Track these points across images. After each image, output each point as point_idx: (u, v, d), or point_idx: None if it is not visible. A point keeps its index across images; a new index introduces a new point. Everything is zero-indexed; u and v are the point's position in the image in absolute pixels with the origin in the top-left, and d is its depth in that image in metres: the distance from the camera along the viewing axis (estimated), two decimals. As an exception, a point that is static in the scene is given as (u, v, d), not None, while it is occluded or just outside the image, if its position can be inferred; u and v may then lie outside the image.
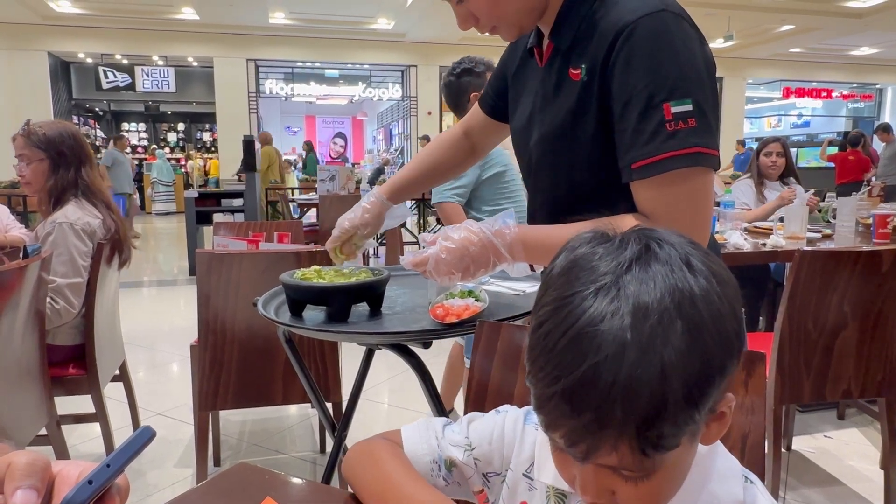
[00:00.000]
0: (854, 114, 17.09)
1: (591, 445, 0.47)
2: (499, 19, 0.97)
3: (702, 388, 0.46)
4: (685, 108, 0.82)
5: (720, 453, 0.60)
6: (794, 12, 10.18)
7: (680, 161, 0.82)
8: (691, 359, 0.45)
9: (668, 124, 0.82)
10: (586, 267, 0.49)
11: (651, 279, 0.46)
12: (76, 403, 2.15)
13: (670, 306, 0.45)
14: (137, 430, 0.46)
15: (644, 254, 0.48)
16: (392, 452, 0.70)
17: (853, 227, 2.88)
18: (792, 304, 1.85)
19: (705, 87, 0.84)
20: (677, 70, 0.83)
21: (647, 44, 0.84)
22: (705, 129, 0.83)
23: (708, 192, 0.87)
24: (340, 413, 1.91)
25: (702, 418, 0.48)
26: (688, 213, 0.86)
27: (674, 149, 0.82)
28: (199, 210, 5.97)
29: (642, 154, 0.84)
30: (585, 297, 0.47)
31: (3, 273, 1.53)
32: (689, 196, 0.85)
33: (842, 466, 2.30)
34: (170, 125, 16.41)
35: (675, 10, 0.86)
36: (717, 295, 0.47)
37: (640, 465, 0.48)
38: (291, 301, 1.23)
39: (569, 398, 0.46)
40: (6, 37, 10.85)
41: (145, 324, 4.47)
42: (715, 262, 0.50)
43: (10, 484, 0.42)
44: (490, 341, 0.95)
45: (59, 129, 2.09)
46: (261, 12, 10.48)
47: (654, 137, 0.83)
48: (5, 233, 2.97)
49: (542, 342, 0.48)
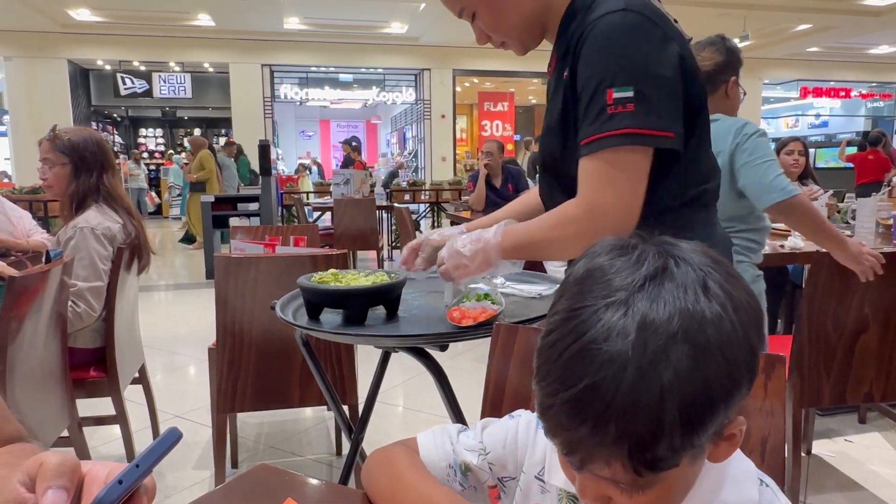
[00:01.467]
0: (873, 113, 16.83)
1: (586, 457, 0.48)
2: (503, 36, 1.09)
3: (702, 415, 0.45)
4: (626, 95, 0.90)
5: (735, 457, 0.59)
6: (811, 11, 10.06)
7: (612, 140, 0.91)
8: (693, 385, 0.44)
9: (609, 108, 0.91)
10: (601, 280, 0.48)
11: (662, 300, 0.46)
12: (97, 406, 2.18)
13: (678, 330, 0.44)
14: (165, 431, 0.47)
15: (661, 273, 0.47)
16: (408, 457, 0.71)
17: (873, 227, 2.84)
18: (811, 306, 1.83)
19: (655, 76, 0.91)
20: (624, 60, 0.91)
21: (601, 38, 0.93)
22: (644, 112, 0.90)
23: (635, 168, 0.93)
24: (357, 416, 1.92)
25: (705, 442, 0.47)
26: (600, 189, 0.94)
27: (609, 129, 0.91)
28: (215, 214, 6.04)
29: (585, 134, 0.94)
30: (595, 311, 0.47)
31: (27, 277, 1.55)
32: (606, 173, 0.93)
33: (863, 471, 2.26)
34: (186, 130, 16.58)
35: (637, 8, 0.93)
36: (730, 322, 0.46)
37: (634, 481, 0.48)
38: (309, 304, 1.24)
39: (567, 411, 0.46)
40: (27, 45, 11.04)
41: (163, 327, 4.52)
42: (736, 286, 0.49)
43: (41, 484, 0.43)
44: (507, 344, 0.95)
45: (84, 136, 2.13)
46: (275, 18, 10.56)
47: (596, 119, 0.93)
48: (28, 238, 3.01)
49: (549, 351, 0.48)
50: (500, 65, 12.67)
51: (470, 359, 3.39)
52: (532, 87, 15.91)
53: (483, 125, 13.62)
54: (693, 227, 1.02)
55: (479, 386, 0.95)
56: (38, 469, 0.44)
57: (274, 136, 12.95)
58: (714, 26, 10.66)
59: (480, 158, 4.92)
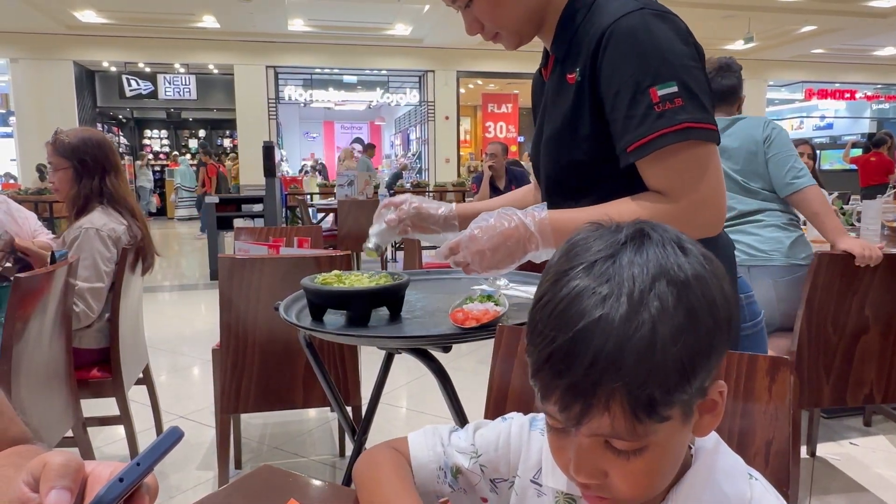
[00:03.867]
0: (879, 115, 16.77)
1: (584, 406, 0.48)
2: (500, 26, 1.05)
3: (692, 359, 0.48)
4: (671, 91, 0.88)
5: (722, 452, 0.60)
6: (816, 13, 10.03)
7: (670, 138, 0.88)
8: (682, 329, 0.47)
9: (656, 106, 0.88)
10: (583, 247, 0.52)
11: (645, 257, 0.49)
12: (101, 406, 2.19)
13: (662, 280, 0.48)
14: (166, 430, 0.46)
15: (638, 236, 0.51)
16: (391, 462, 0.70)
17: (878, 230, 2.83)
18: (810, 307, 1.83)
19: (691, 70, 0.90)
20: (659, 56, 0.89)
21: (629, 38, 0.90)
22: (694, 106, 0.88)
23: (707, 161, 0.91)
24: (360, 417, 1.92)
25: (693, 394, 0.50)
26: (692, 182, 0.91)
27: (663, 127, 0.88)
28: (219, 215, 6.05)
29: (635, 137, 0.90)
30: (581, 270, 0.50)
31: (32, 278, 1.56)
32: (688, 167, 0.90)
33: (868, 474, 2.25)
34: (191, 132, 16.63)
35: (654, 8, 0.93)
36: (708, 275, 0.50)
37: (633, 430, 0.48)
38: (312, 305, 1.24)
39: (561, 357, 0.48)
40: (33, 47, 11.09)
41: (168, 328, 4.53)
42: (707, 251, 0.53)
43: (44, 484, 0.43)
44: (510, 346, 0.95)
45: (83, 137, 2.10)
46: (280, 20, 10.59)
47: (644, 120, 0.89)
48: (33, 238, 3.02)
49: (541, 311, 0.51)
50: (504, 67, 12.67)
51: (474, 360, 3.39)
52: (536, 89, 15.88)
53: (487, 127, 13.64)
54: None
55: (483, 387, 0.94)
56: (41, 469, 0.44)
57: (278, 137, 12.97)
58: (719, 28, 10.68)
59: (484, 160, 4.93)
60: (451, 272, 1.67)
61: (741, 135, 2.21)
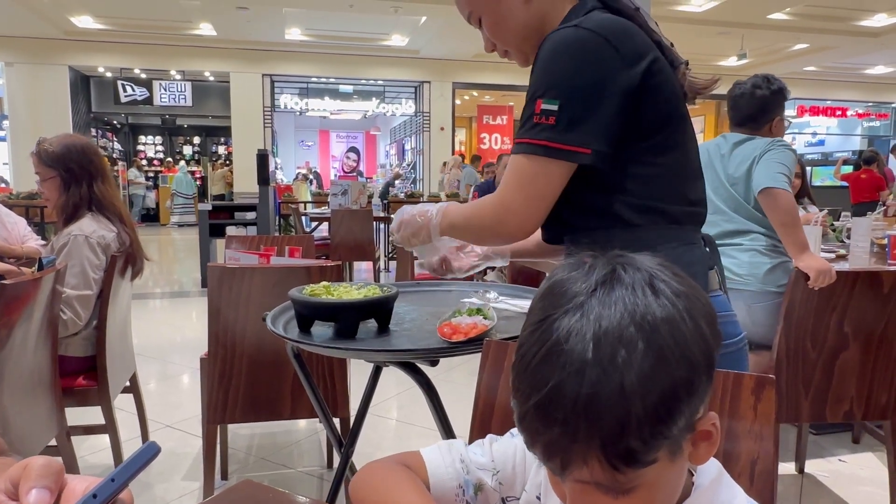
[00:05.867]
0: (870, 132, 16.95)
1: (564, 459, 0.49)
2: (504, 44, 1.11)
3: (667, 404, 0.47)
4: (551, 108, 0.93)
5: (725, 483, 0.59)
6: (809, 31, 10.15)
7: (529, 147, 0.96)
8: (651, 376, 0.47)
9: (535, 117, 0.95)
10: (558, 291, 0.52)
11: (612, 302, 0.49)
12: (86, 414, 2.16)
13: (630, 326, 0.47)
14: (143, 445, 0.46)
15: (610, 278, 0.51)
16: (408, 480, 0.68)
17: (868, 247, 2.85)
18: (788, 322, 1.85)
19: (581, 94, 0.92)
20: (560, 74, 0.93)
21: (548, 51, 0.96)
22: (564, 128, 0.93)
23: (542, 181, 0.96)
24: (348, 428, 1.90)
25: (677, 435, 0.49)
26: (511, 188, 0.98)
27: (530, 137, 0.95)
28: (212, 223, 6.03)
29: (516, 135, 1.00)
30: (556, 318, 0.50)
31: (19, 284, 1.55)
32: (515, 175, 0.98)
33: (856, 492, 2.25)
34: (186, 138, 16.61)
35: (591, 26, 0.93)
36: (678, 313, 0.49)
37: (614, 479, 0.48)
38: (300, 317, 1.23)
39: (540, 413, 0.49)
40: (29, 51, 11.08)
41: (157, 335, 4.50)
42: (683, 282, 0.52)
43: (25, 484, 0.43)
44: (497, 360, 0.95)
45: (67, 144, 2.07)
46: (277, 29, 10.62)
47: (524, 125, 0.97)
48: (22, 244, 3.01)
49: (520, 363, 0.51)
50: (499, 78, 12.74)
51: (464, 372, 3.38)
52: (531, 102, 15.97)
53: (482, 138, 13.68)
54: (652, 244, 0.95)
55: (472, 400, 0.94)
56: (21, 473, 0.44)
57: (273, 145, 12.97)
58: (713, 44, 10.77)
59: (498, 172, 5.00)
60: (442, 284, 1.67)
61: (745, 152, 2.20)
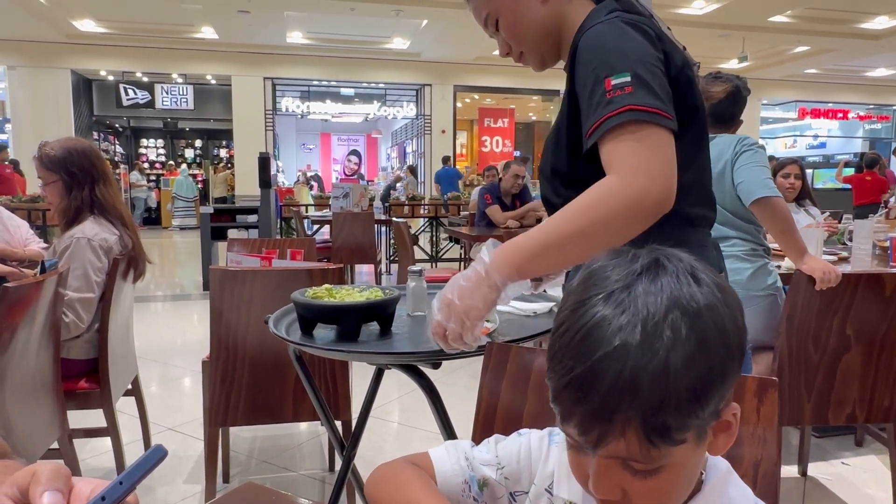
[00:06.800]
0: (871, 135, 16.95)
1: (602, 432, 0.50)
2: (521, 45, 1.12)
3: (704, 386, 0.50)
4: (623, 80, 0.91)
5: (733, 482, 0.61)
6: (810, 34, 10.16)
7: (615, 119, 0.90)
8: (693, 358, 0.49)
9: (608, 93, 0.92)
10: (601, 276, 0.54)
11: (658, 287, 0.51)
12: (88, 417, 2.16)
13: (675, 310, 0.50)
14: (150, 448, 0.46)
15: (654, 266, 0.53)
16: (418, 478, 0.70)
17: (870, 249, 2.84)
18: (790, 325, 1.84)
19: (647, 64, 0.93)
20: (617, 52, 0.94)
21: (593, 41, 0.97)
22: (644, 92, 0.91)
23: (649, 139, 0.90)
24: (350, 431, 1.90)
25: (706, 418, 0.51)
26: (634, 157, 0.89)
27: (610, 111, 0.91)
28: (214, 226, 6.03)
29: (589, 123, 0.94)
30: (601, 298, 0.52)
31: (21, 287, 1.55)
32: (630, 146, 0.90)
33: (859, 494, 2.25)
34: (187, 141, 16.64)
35: (626, 19, 0.97)
36: (720, 304, 0.52)
37: (648, 454, 0.50)
38: (302, 319, 1.23)
39: (580, 385, 0.50)
40: (32, 55, 11.11)
41: (159, 338, 4.50)
42: (718, 277, 0.55)
43: (35, 488, 0.43)
44: (500, 363, 0.95)
45: (68, 148, 2.07)
46: (279, 32, 10.65)
47: (598, 107, 0.93)
48: (24, 247, 3.01)
49: (561, 339, 0.53)
50: (500, 81, 12.76)
51: (467, 375, 3.37)
52: (532, 105, 16.01)
53: (483, 141, 13.71)
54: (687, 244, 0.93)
55: (475, 402, 0.94)
56: (29, 479, 0.44)
57: (275, 148, 13.00)
58: (714, 47, 10.78)
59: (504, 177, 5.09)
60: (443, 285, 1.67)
61: (713, 153, 2.17)
